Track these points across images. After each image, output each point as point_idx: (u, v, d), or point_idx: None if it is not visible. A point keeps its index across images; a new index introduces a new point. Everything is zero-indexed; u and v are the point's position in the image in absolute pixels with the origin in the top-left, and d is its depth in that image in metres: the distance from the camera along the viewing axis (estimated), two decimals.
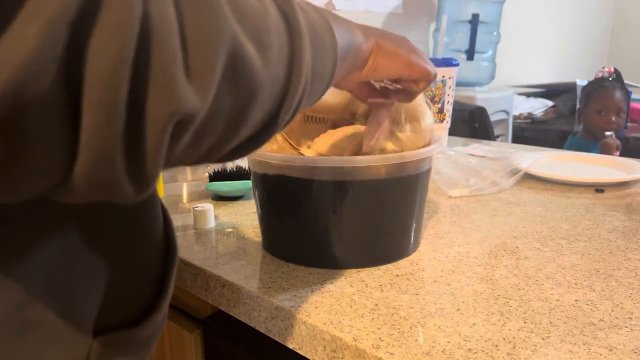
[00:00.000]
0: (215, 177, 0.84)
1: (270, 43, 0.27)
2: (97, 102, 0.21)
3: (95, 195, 0.24)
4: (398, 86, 0.51)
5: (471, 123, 1.69)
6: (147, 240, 0.37)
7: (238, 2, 0.25)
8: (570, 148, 1.95)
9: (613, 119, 1.93)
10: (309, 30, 0.30)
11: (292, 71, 0.29)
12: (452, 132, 1.13)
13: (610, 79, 1.97)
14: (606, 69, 2.00)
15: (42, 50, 0.19)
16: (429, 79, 0.48)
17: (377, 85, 0.53)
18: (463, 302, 0.49)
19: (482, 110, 1.71)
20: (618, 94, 1.95)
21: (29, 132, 0.21)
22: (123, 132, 0.22)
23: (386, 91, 0.53)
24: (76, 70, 0.20)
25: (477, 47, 2.06)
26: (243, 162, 0.96)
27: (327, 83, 0.35)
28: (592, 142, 1.94)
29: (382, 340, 0.43)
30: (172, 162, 0.25)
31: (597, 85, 2.00)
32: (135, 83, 0.21)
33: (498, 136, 2.12)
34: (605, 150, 1.85)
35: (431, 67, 0.48)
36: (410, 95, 0.52)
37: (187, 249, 0.63)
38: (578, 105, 2.10)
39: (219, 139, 0.27)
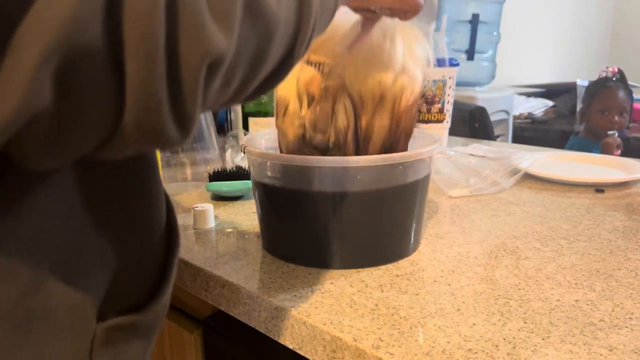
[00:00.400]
0: (215, 177, 0.83)
1: None
2: (138, 50, 0.22)
3: (143, 143, 0.25)
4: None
5: (471, 123, 1.69)
6: (150, 225, 0.37)
7: None
8: (572, 148, 1.95)
9: (616, 118, 1.93)
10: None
11: (304, 7, 0.30)
12: (452, 132, 1.13)
13: (614, 79, 1.97)
14: (610, 69, 2.00)
15: (83, 4, 0.20)
16: (417, 11, 0.50)
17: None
18: (463, 302, 0.49)
19: (482, 110, 1.71)
20: (621, 94, 1.94)
21: (79, 88, 0.22)
22: (165, 77, 0.23)
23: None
24: (116, 21, 0.21)
25: (477, 47, 2.06)
26: (243, 162, 0.96)
27: (332, 11, 0.36)
28: (594, 142, 1.94)
29: (382, 341, 0.43)
30: (206, 104, 0.26)
31: (601, 85, 1.99)
32: (169, 29, 0.22)
33: (498, 136, 2.12)
34: (606, 149, 1.85)
35: (420, 0, 0.49)
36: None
37: (187, 249, 0.63)
38: (580, 105, 2.10)
39: (245, 78, 0.28)
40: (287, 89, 0.57)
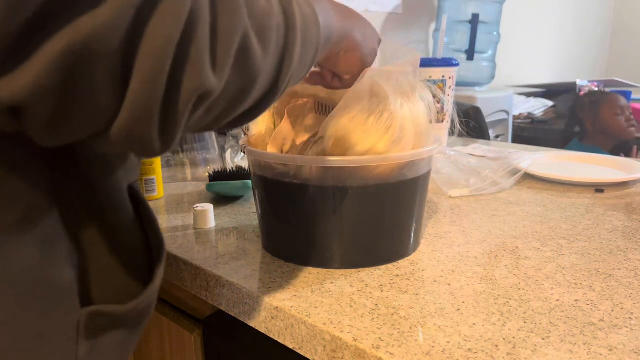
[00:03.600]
0: (216, 177, 0.83)
1: (271, 38, 0.32)
2: (146, 71, 0.26)
3: (128, 146, 0.29)
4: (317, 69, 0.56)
5: (466, 123, 1.69)
6: (112, 225, 0.39)
7: (251, 1, 0.31)
8: None
9: (629, 115, 1.99)
10: (301, 24, 0.36)
11: (284, 61, 0.35)
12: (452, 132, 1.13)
13: (604, 88, 2.09)
14: (591, 85, 2.12)
15: (111, 22, 0.25)
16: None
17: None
18: (463, 302, 0.49)
19: (477, 110, 1.71)
20: (620, 96, 2.04)
21: (83, 86, 0.26)
22: (161, 98, 0.27)
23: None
24: (135, 43, 0.26)
25: (477, 47, 2.06)
26: (243, 162, 0.96)
27: (308, 68, 0.40)
28: (602, 150, 1.98)
29: (382, 340, 0.43)
30: (188, 126, 0.30)
31: (600, 94, 2.08)
32: (177, 61, 0.27)
33: (498, 136, 2.12)
34: (628, 151, 1.92)
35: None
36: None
37: (187, 249, 0.63)
38: (580, 116, 2.15)
39: (223, 112, 0.32)
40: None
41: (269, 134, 0.61)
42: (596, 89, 2.10)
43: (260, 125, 0.64)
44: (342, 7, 0.48)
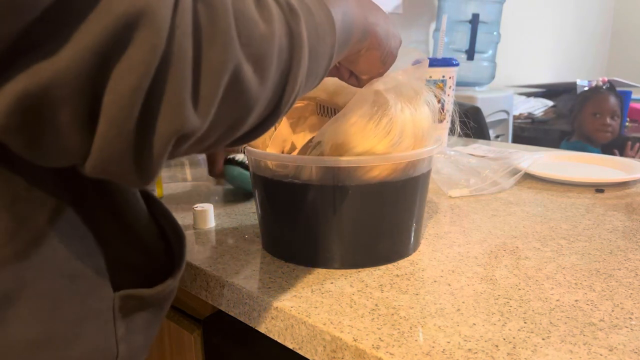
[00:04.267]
0: (228, 162, 0.78)
1: (269, 65, 0.31)
2: (112, 117, 0.26)
3: (107, 179, 0.29)
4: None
5: (466, 123, 1.69)
6: (130, 222, 0.41)
7: (248, 28, 0.29)
8: None
9: (608, 121, 1.99)
10: (311, 39, 0.34)
11: (287, 84, 0.33)
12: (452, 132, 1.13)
13: (604, 87, 2.07)
14: (600, 79, 2.12)
15: (71, 69, 0.24)
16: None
17: None
18: (463, 302, 0.49)
19: (477, 110, 1.71)
20: (612, 99, 2.05)
21: (50, 125, 0.25)
22: (132, 142, 0.27)
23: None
24: (99, 89, 0.25)
25: (477, 47, 2.06)
26: None
27: (321, 77, 0.39)
28: (586, 146, 1.99)
29: (382, 341, 0.43)
30: (177, 156, 0.30)
31: (593, 91, 2.09)
32: (148, 105, 0.26)
33: (498, 136, 2.12)
34: (621, 148, 1.93)
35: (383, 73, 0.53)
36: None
37: (187, 249, 0.63)
38: (573, 112, 2.17)
39: (220, 139, 0.32)
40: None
41: (269, 136, 0.61)
42: (603, 84, 2.09)
43: None
44: (366, 1, 0.46)
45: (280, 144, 0.60)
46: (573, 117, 2.12)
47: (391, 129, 0.52)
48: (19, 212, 0.33)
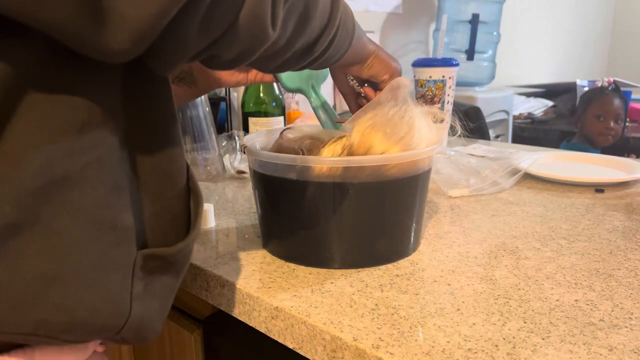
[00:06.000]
0: None
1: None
2: None
3: (250, 36, 0.36)
4: (362, 90, 0.63)
5: (466, 123, 1.69)
6: (171, 171, 0.43)
7: None
8: None
9: (611, 125, 1.97)
10: (342, 7, 0.46)
11: (331, 16, 0.44)
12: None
13: (609, 88, 2.04)
14: (606, 79, 2.09)
15: None
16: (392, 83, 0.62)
17: (356, 89, 0.64)
18: (463, 302, 0.49)
19: (477, 110, 1.71)
20: (617, 101, 2.01)
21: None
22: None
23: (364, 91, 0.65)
24: None
25: (477, 47, 2.06)
26: (243, 165, 0.96)
27: (345, 49, 0.49)
28: (588, 147, 1.97)
29: (382, 340, 0.43)
30: (282, 32, 0.39)
31: (597, 92, 2.06)
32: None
33: (498, 136, 2.12)
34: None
35: (399, 75, 0.61)
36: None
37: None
38: (576, 112, 2.14)
39: (294, 31, 0.40)
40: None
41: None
42: (608, 85, 2.07)
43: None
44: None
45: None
46: (576, 117, 2.09)
47: (411, 126, 0.57)
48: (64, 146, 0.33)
